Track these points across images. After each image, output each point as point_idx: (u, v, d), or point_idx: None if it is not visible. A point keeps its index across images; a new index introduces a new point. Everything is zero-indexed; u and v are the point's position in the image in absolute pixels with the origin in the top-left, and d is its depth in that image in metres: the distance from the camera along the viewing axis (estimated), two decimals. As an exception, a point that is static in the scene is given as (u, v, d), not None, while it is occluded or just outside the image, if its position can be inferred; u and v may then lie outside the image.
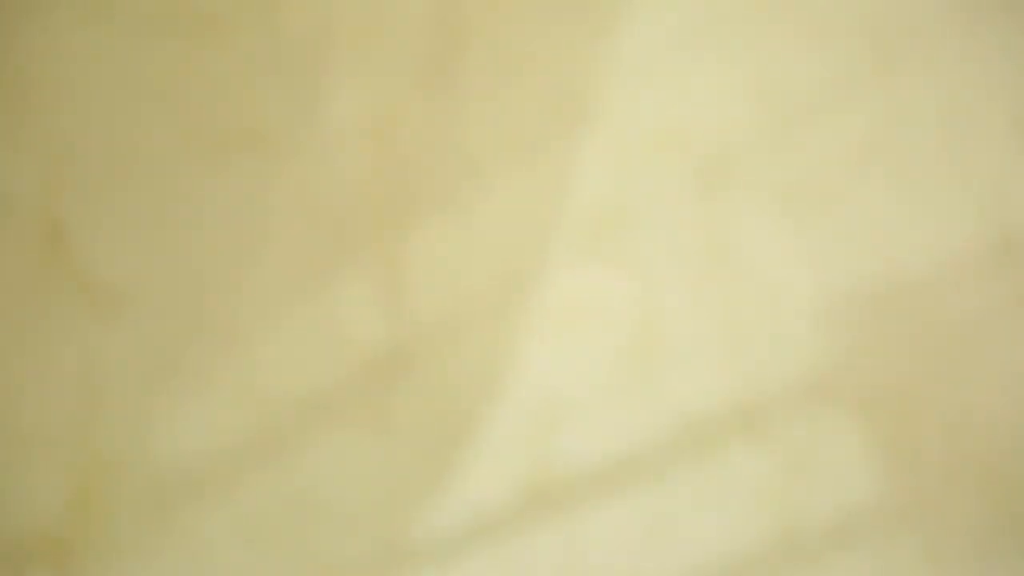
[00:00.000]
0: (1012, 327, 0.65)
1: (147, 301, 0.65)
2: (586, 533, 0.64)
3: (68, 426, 0.64)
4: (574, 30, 0.68)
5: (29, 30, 0.66)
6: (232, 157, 0.66)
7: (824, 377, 0.65)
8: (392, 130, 0.67)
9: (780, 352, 0.65)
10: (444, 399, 0.65)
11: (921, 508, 0.64)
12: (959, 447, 0.65)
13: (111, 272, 0.65)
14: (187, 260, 0.65)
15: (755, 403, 0.65)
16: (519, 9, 0.68)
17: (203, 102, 0.66)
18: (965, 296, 0.66)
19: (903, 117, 0.67)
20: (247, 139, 0.66)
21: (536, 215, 0.66)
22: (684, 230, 0.67)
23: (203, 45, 0.66)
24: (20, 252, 0.65)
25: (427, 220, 0.66)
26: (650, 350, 0.66)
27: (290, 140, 0.66)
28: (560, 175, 0.67)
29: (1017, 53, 0.68)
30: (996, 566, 0.64)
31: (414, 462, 0.64)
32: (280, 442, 0.65)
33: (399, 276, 0.66)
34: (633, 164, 0.67)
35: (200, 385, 0.65)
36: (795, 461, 0.65)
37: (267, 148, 0.66)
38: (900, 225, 0.66)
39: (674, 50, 0.67)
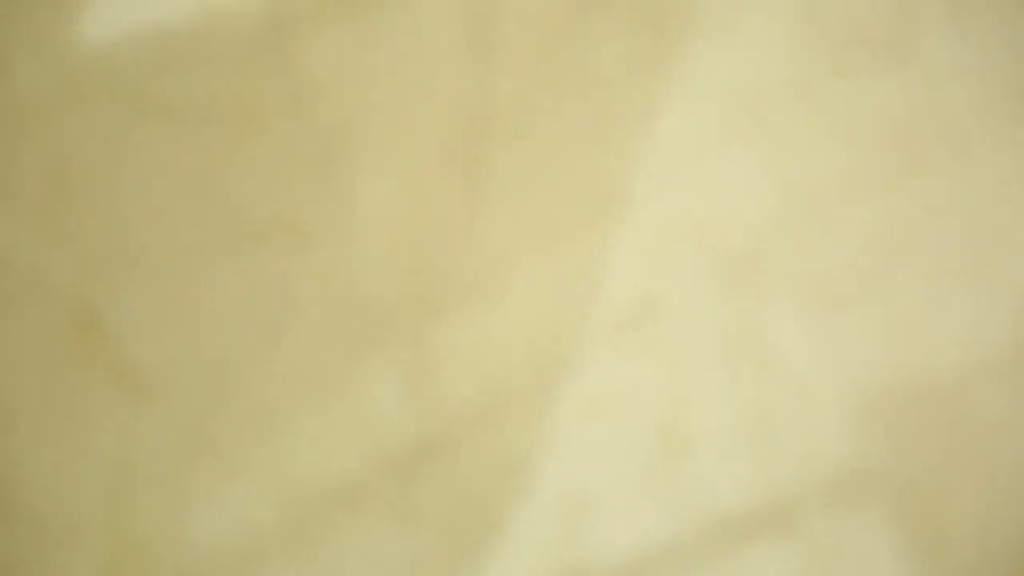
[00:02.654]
0: (1041, 426, 0.65)
1: (178, 387, 0.65)
2: (611, 627, 0.64)
3: (98, 510, 0.64)
4: (602, 122, 0.68)
5: (70, 120, 0.66)
6: (263, 244, 0.66)
7: (853, 473, 0.65)
8: (420, 219, 0.67)
9: (808, 448, 0.66)
10: (469, 490, 0.65)
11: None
12: (989, 545, 0.65)
13: (144, 358, 0.65)
14: (217, 346, 0.66)
15: (784, 499, 0.65)
16: (547, 101, 0.68)
17: (235, 190, 0.66)
18: (994, 394, 0.66)
19: (930, 216, 0.67)
20: (278, 227, 0.66)
21: (563, 305, 0.67)
22: (713, 322, 0.67)
23: (236, 134, 0.66)
24: (55, 337, 0.65)
25: (454, 309, 0.66)
26: (678, 444, 0.66)
27: (319, 228, 0.67)
28: (588, 265, 0.67)
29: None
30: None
31: (438, 553, 0.64)
32: (305, 529, 0.65)
33: (426, 365, 0.66)
34: (661, 256, 0.67)
35: (228, 471, 0.65)
36: (824, 559, 0.64)
37: (297, 236, 0.66)
38: (928, 322, 0.66)
39: (703, 143, 0.68)
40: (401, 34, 0.68)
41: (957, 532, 0.65)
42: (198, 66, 0.67)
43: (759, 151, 0.68)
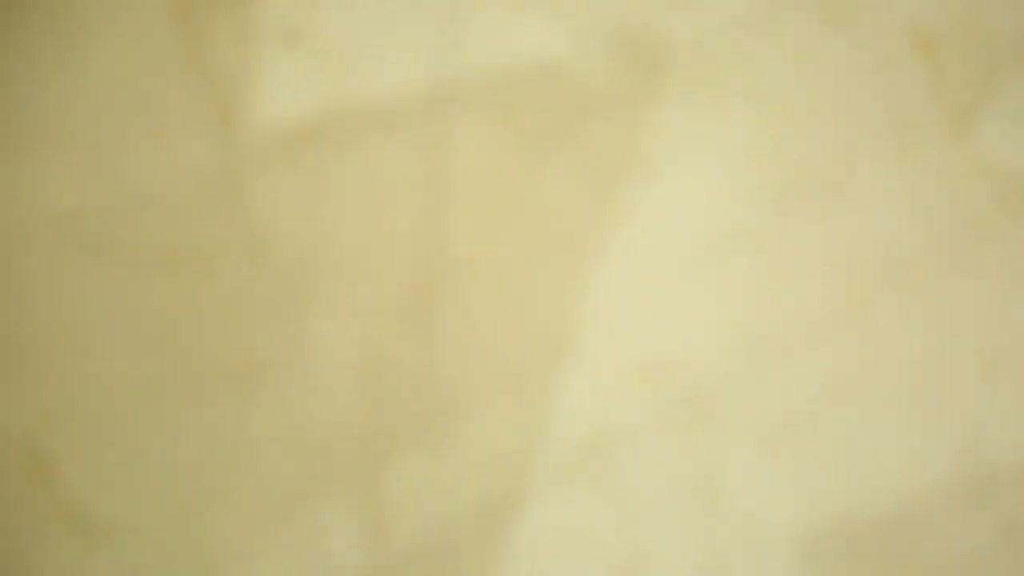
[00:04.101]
0: (994, 562, 0.66)
1: (129, 531, 0.65)
2: None
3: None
4: (555, 261, 0.69)
5: (24, 267, 0.66)
6: (217, 389, 0.66)
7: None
8: (375, 361, 0.67)
9: (759, 583, 0.66)
10: (425, 631, 0.65)
11: None
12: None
13: (95, 503, 0.65)
14: (170, 491, 0.66)
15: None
16: (501, 240, 0.69)
17: (190, 335, 0.67)
18: (946, 530, 0.66)
19: (879, 354, 0.68)
20: (232, 372, 0.67)
21: (517, 446, 0.67)
22: (667, 461, 0.67)
23: (191, 280, 0.67)
24: (7, 481, 0.65)
25: (408, 450, 0.67)
26: (630, 580, 0.66)
27: (274, 371, 0.67)
28: (542, 405, 0.67)
29: (990, 296, 0.69)
30: None
31: None
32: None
33: (380, 504, 0.66)
34: (615, 395, 0.68)
35: (182, 617, 0.65)
36: None
37: (251, 380, 0.67)
38: (879, 460, 0.67)
39: (655, 284, 0.69)
40: (353, 175, 0.69)
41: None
42: (152, 214, 0.67)
43: (709, 293, 0.69)
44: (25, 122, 0.67)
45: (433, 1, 0.69)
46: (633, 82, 0.69)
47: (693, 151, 0.69)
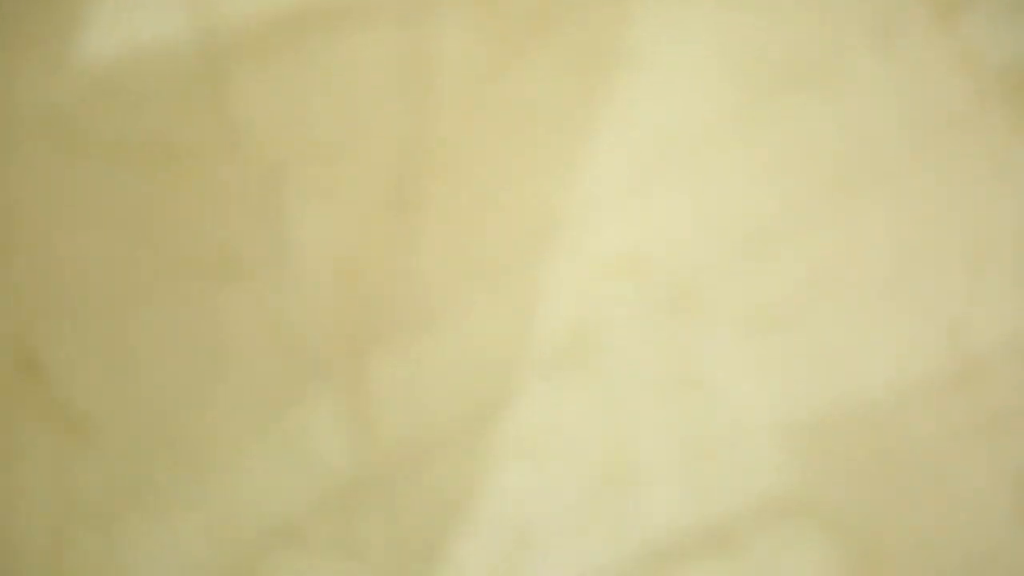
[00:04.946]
0: (969, 451, 0.66)
1: (116, 428, 0.65)
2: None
3: (37, 549, 0.64)
4: (537, 158, 0.68)
5: (3, 162, 0.66)
6: (200, 284, 0.66)
7: (788, 500, 0.66)
8: (357, 255, 0.67)
9: (744, 475, 0.66)
10: (409, 524, 0.65)
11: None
12: (920, 566, 0.66)
13: (82, 399, 0.65)
14: (155, 387, 0.66)
15: (720, 526, 0.66)
16: (482, 137, 0.69)
17: (171, 230, 0.67)
18: (925, 419, 0.67)
19: (861, 245, 0.68)
20: (215, 266, 0.67)
21: (501, 340, 0.67)
22: (648, 355, 0.67)
23: (171, 174, 0.67)
24: (-10, 379, 0.65)
25: (392, 344, 0.67)
26: (617, 474, 0.66)
27: (257, 266, 0.67)
28: (525, 300, 0.68)
29: (972, 189, 0.69)
30: None
31: (381, 587, 0.65)
32: (245, 567, 0.65)
33: (365, 401, 0.66)
34: (597, 290, 0.68)
35: (167, 510, 0.65)
36: (758, 583, 0.65)
37: (234, 274, 0.67)
38: (860, 351, 0.67)
39: (638, 178, 0.69)
40: (336, 71, 0.68)
41: (891, 556, 0.66)
42: (131, 106, 0.67)
43: (693, 185, 0.69)
44: None
45: None
46: (616, -25, 0.69)
47: (677, 43, 0.69)
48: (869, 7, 0.70)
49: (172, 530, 0.65)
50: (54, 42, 0.67)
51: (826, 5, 0.69)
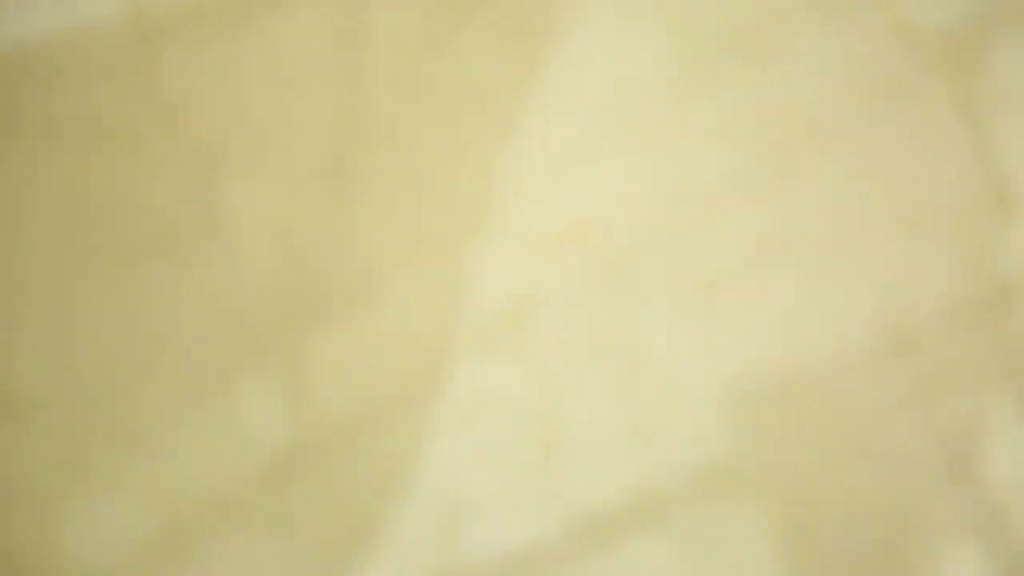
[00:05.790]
0: (903, 417, 0.66)
1: (52, 406, 0.65)
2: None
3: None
4: (475, 130, 0.69)
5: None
6: (136, 261, 0.67)
7: (726, 467, 0.66)
8: (294, 231, 0.67)
9: (681, 444, 0.67)
10: (346, 497, 0.66)
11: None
12: (858, 532, 0.66)
13: (17, 377, 0.66)
14: (91, 364, 0.66)
15: (657, 495, 0.66)
16: (420, 111, 0.69)
17: (106, 207, 0.67)
18: (862, 385, 0.67)
19: (799, 214, 0.68)
20: (149, 244, 0.67)
21: (438, 314, 0.67)
22: (586, 325, 0.67)
23: (106, 151, 0.67)
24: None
25: (328, 319, 0.67)
26: (553, 445, 0.66)
27: (193, 243, 0.67)
28: (462, 274, 0.68)
29: (909, 155, 0.69)
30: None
31: (317, 560, 0.65)
32: (184, 543, 0.65)
33: (300, 376, 0.66)
34: (533, 263, 0.68)
35: (104, 488, 0.65)
36: (697, 551, 0.66)
37: (169, 252, 0.67)
38: (797, 318, 0.67)
39: (575, 149, 0.69)
40: (271, 47, 0.68)
41: (828, 521, 0.66)
42: (64, 86, 0.67)
43: (630, 155, 0.69)
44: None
45: None
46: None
47: (615, 14, 0.69)
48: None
49: (109, 508, 0.65)
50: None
51: (760, -26, 0.69)
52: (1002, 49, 0.69)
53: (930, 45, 0.69)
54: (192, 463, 0.65)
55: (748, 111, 0.69)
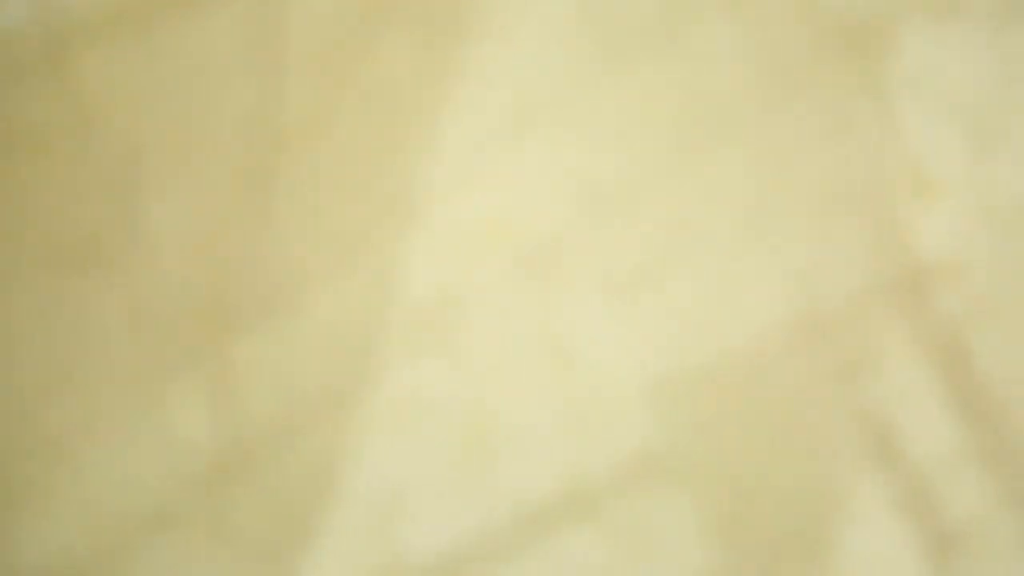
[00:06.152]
0: (828, 399, 0.68)
1: (-22, 420, 0.65)
2: (428, 626, 0.65)
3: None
4: (393, 129, 0.69)
5: None
6: (56, 273, 0.66)
7: (655, 456, 0.67)
8: (216, 236, 0.67)
9: (611, 434, 0.67)
10: (280, 501, 0.66)
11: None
12: (786, 521, 0.67)
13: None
14: (18, 377, 0.65)
15: (588, 486, 0.67)
16: (337, 111, 0.69)
17: (28, 220, 0.66)
18: (783, 371, 0.68)
19: (713, 202, 0.69)
20: (71, 254, 0.66)
21: (364, 313, 0.67)
22: (512, 319, 0.68)
23: (16, 158, 0.66)
24: None
25: (255, 324, 0.67)
26: (484, 440, 0.67)
27: (111, 251, 0.66)
28: (387, 272, 0.68)
29: (817, 141, 0.70)
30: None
31: (253, 565, 0.65)
32: (117, 554, 0.65)
33: (230, 382, 0.66)
34: (458, 257, 0.68)
35: (33, 502, 0.65)
36: (627, 541, 0.66)
37: (91, 261, 0.66)
38: (719, 305, 0.68)
39: (494, 144, 0.69)
40: (187, 53, 0.68)
41: (755, 507, 0.67)
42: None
43: (551, 150, 0.69)
44: None
45: None
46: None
47: (530, 11, 0.69)
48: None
49: (43, 520, 0.64)
50: None
51: (671, -34, 0.70)
52: (912, 34, 0.70)
53: (840, 31, 0.71)
54: (122, 472, 0.65)
55: (662, 101, 0.70)
